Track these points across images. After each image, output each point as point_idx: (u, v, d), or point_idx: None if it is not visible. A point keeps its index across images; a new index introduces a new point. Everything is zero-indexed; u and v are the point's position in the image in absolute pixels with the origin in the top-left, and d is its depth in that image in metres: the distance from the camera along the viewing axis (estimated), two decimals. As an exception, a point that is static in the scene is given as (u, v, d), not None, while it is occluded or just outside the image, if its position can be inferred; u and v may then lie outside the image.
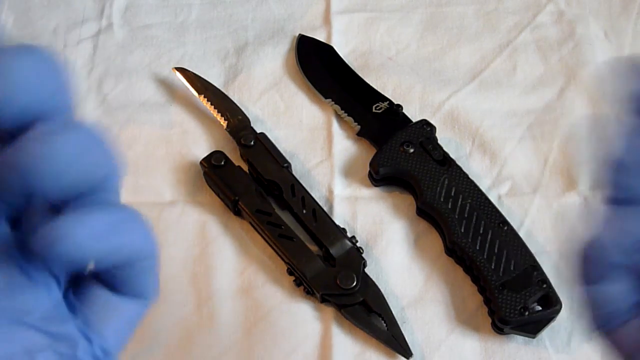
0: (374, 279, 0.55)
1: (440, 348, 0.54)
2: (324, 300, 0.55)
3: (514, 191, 0.60)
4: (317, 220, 0.57)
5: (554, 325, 0.53)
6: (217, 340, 0.54)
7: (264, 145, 0.60)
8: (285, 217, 0.58)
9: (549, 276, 0.53)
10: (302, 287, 0.55)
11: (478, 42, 0.68)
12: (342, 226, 0.57)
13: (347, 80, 0.65)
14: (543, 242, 0.57)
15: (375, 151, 0.60)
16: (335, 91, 0.65)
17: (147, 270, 0.27)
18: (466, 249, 0.54)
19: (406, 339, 0.53)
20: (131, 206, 0.25)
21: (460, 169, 0.58)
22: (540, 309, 0.52)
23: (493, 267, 0.53)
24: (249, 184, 0.58)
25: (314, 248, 0.56)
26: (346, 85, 0.65)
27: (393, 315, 0.53)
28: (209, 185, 0.60)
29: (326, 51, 0.67)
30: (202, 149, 0.62)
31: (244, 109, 0.63)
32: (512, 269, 0.53)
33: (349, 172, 0.61)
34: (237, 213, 0.59)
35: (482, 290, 0.54)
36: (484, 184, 0.59)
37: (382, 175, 0.59)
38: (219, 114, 0.62)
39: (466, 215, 0.55)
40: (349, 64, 0.67)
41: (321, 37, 0.68)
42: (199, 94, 0.64)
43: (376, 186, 0.60)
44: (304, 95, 0.66)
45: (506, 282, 0.53)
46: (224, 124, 0.62)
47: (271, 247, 0.57)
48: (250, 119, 0.62)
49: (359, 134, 0.63)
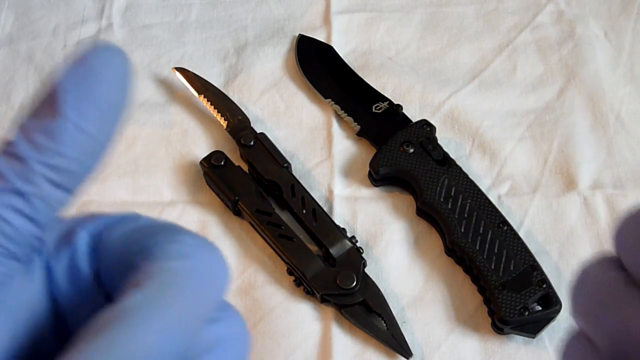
0: (374, 279, 0.55)
1: (440, 348, 0.54)
2: (324, 300, 0.55)
3: (514, 191, 0.60)
4: (317, 220, 0.57)
5: (554, 325, 0.53)
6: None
7: (264, 145, 0.60)
8: (285, 217, 0.58)
9: (549, 276, 0.53)
10: (302, 287, 0.55)
11: (478, 42, 0.68)
12: (342, 226, 0.57)
13: (347, 80, 0.65)
14: (543, 242, 0.57)
15: (375, 151, 0.60)
16: (335, 91, 0.65)
17: None
18: (466, 249, 0.54)
19: (406, 339, 0.53)
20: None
21: (460, 169, 0.58)
22: (540, 309, 0.52)
23: (493, 267, 0.53)
24: (249, 184, 0.58)
25: (314, 248, 0.56)
26: (346, 85, 0.65)
27: (393, 315, 0.53)
28: (209, 185, 0.60)
29: (326, 51, 0.67)
30: (202, 149, 0.62)
31: (244, 109, 0.63)
32: (512, 268, 0.53)
33: (349, 172, 0.61)
34: (237, 213, 0.59)
35: (482, 290, 0.54)
36: (484, 184, 0.59)
37: (382, 175, 0.59)
38: (219, 114, 0.62)
39: (466, 215, 0.55)
40: (349, 64, 0.67)
41: (321, 37, 0.68)
42: (199, 94, 0.64)
43: (376, 186, 0.60)
44: (304, 95, 0.66)
45: (506, 282, 0.53)
46: (224, 124, 0.62)
47: (271, 247, 0.57)
48: (250, 119, 0.62)
49: (359, 134, 0.63)
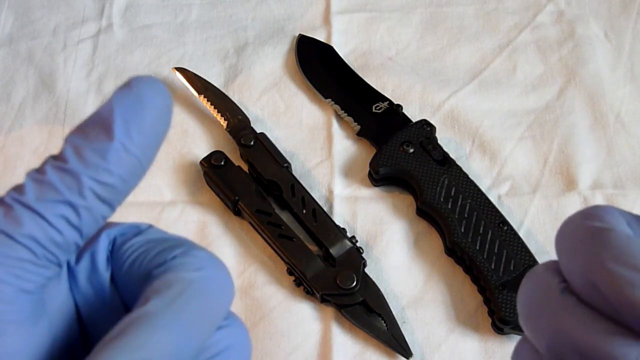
0: (374, 279, 0.55)
1: (440, 348, 0.54)
2: (324, 300, 0.55)
3: (514, 191, 0.60)
4: (317, 220, 0.57)
5: (554, 325, 0.53)
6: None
7: (264, 145, 0.60)
8: (285, 217, 0.58)
9: (549, 276, 0.53)
10: (302, 287, 0.55)
11: (478, 42, 0.68)
12: (342, 226, 0.57)
13: (347, 80, 0.65)
14: (543, 242, 0.57)
15: (375, 151, 0.60)
16: (335, 91, 0.65)
17: None
18: (466, 249, 0.54)
19: (406, 339, 0.53)
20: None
21: (460, 169, 0.58)
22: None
23: (493, 267, 0.53)
24: (249, 184, 0.58)
25: (314, 248, 0.56)
26: (346, 85, 0.65)
27: (393, 315, 0.53)
28: (209, 185, 0.60)
29: (326, 51, 0.67)
30: (202, 149, 0.62)
31: (244, 109, 0.63)
32: (512, 269, 0.53)
33: (349, 172, 0.61)
34: (237, 213, 0.59)
35: (482, 290, 0.54)
36: (484, 184, 0.59)
37: (382, 175, 0.59)
38: (219, 114, 0.62)
39: (466, 215, 0.55)
40: (349, 64, 0.66)
41: (321, 37, 0.68)
42: (199, 94, 0.64)
43: (376, 186, 0.60)
44: (304, 95, 0.66)
45: (506, 282, 0.53)
46: (224, 124, 0.62)
47: (271, 247, 0.57)
48: (250, 119, 0.62)
49: (359, 134, 0.63)
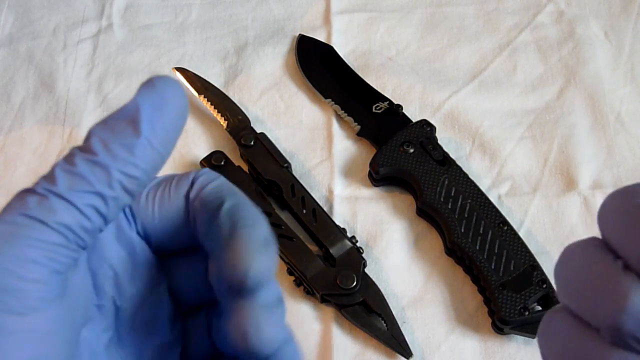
0: (374, 279, 0.55)
1: (440, 348, 0.54)
2: (324, 300, 0.55)
3: (514, 191, 0.60)
4: (317, 220, 0.57)
5: (554, 325, 0.53)
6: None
7: (264, 145, 0.60)
8: (285, 217, 0.58)
9: (549, 276, 0.53)
10: (302, 287, 0.55)
11: (478, 42, 0.68)
12: (342, 226, 0.57)
13: (347, 80, 0.65)
14: (543, 242, 0.57)
15: (375, 151, 0.60)
16: (335, 91, 0.65)
17: None
18: (466, 249, 0.54)
19: (406, 339, 0.53)
20: None
21: (460, 169, 0.58)
22: (540, 309, 0.52)
23: (493, 267, 0.53)
24: (249, 184, 0.58)
25: (314, 248, 0.56)
26: (346, 85, 0.65)
27: (393, 315, 0.53)
28: (209, 185, 0.60)
29: (326, 51, 0.67)
30: (202, 149, 0.62)
31: (244, 109, 0.63)
32: (512, 269, 0.53)
33: (349, 172, 0.61)
34: (237, 213, 0.59)
35: (482, 290, 0.54)
36: (484, 184, 0.59)
37: (382, 175, 0.59)
38: (219, 114, 0.62)
39: (466, 215, 0.55)
40: (349, 64, 0.66)
41: (321, 37, 0.68)
42: (199, 94, 0.64)
43: (376, 186, 0.60)
44: (304, 95, 0.66)
45: (506, 282, 0.53)
46: (224, 124, 0.62)
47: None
48: (250, 119, 0.62)
49: (359, 134, 0.63)
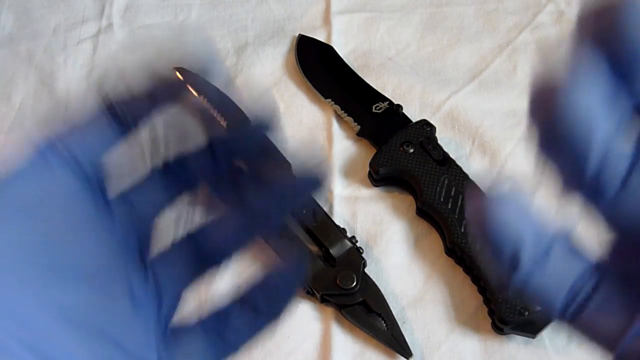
0: (374, 279, 0.55)
1: (440, 348, 0.54)
2: (324, 300, 0.55)
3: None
4: (317, 220, 0.57)
5: (554, 325, 0.53)
6: (217, 340, 0.54)
7: (264, 145, 0.60)
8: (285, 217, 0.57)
9: (549, 276, 0.53)
10: (302, 287, 0.55)
11: (478, 42, 0.68)
12: (342, 226, 0.57)
13: (347, 80, 0.65)
14: (543, 242, 0.57)
15: (375, 151, 0.60)
16: (335, 91, 0.65)
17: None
18: (466, 249, 0.54)
19: (406, 339, 0.53)
20: None
21: (460, 169, 0.58)
22: (540, 309, 0.52)
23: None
24: (249, 184, 0.58)
25: (314, 248, 0.56)
26: (346, 85, 0.65)
27: (393, 315, 0.53)
28: (209, 185, 0.60)
29: (326, 51, 0.67)
30: (202, 149, 0.62)
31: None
32: (512, 269, 0.53)
33: (349, 172, 0.61)
34: (237, 213, 0.59)
35: (482, 290, 0.54)
36: (484, 184, 0.59)
37: (382, 175, 0.59)
38: (219, 114, 0.62)
39: (466, 216, 0.55)
40: (349, 64, 0.66)
41: (321, 37, 0.68)
42: (199, 94, 0.64)
43: (376, 186, 0.60)
44: (304, 95, 0.66)
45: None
46: (224, 124, 0.62)
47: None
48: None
49: (359, 134, 0.63)
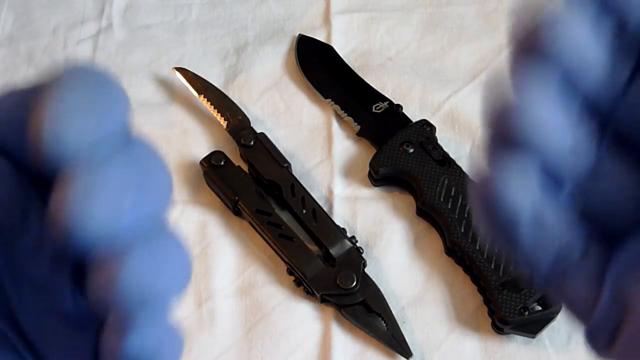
0: (374, 279, 0.55)
1: (440, 348, 0.54)
2: (324, 300, 0.55)
3: (514, 191, 0.60)
4: (317, 220, 0.57)
5: (554, 325, 0.53)
6: (217, 340, 0.54)
7: (264, 145, 0.60)
8: (285, 217, 0.58)
9: (549, 276, 0.53)
10: (302, 287, 0.55)
11: (478, 42, 0.68)
12: (342, 226, 0.57)
13: (347, 80, 0.65)
14: (543, 242, 0.57)
15: (375, 151, 0.60)
16: (335, 91, 0.65)
17: None
18: (466, 249, 0.54)
19: (406, 339, 0.53)
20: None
21: (460, 169, 0.58)
22: (540, 309, 0.52)
23: (493, 267, 0.53)
24: (249, 184, 0.58)
25: (314, 248, 0.56)
26: (346, 85, 0.65)
27: (393, 315, 0.53)
28: (209, 185, 0.60)
29: (326, 51, 0.67)
30: (202, 149, 0.62)
31: (244, 109, 0.63)
32: (512, 269, 0.53)
33: (349, 172, 0.61)
34: (237, 213, 0.59)
35: (482, 290, 0.54)
36: (484, 184, 0.59)
37: (382, 175, 0.59)
38: (219, 114, 0.62)
39: (466, 215, 0.55)
40: (349, 64, 0.66)
41: (321, 37, 0.68)
42: (199, 94, 0.64)
43: (376, 186, 0.60)
44: (304, 95, 0.66)
45: (506, 282, 0.53)
46: (224, 124, 0.62)
47: (271, 247, 0.57)
48: (250, 119, 0.62)
49: (359, 134, 0.63)
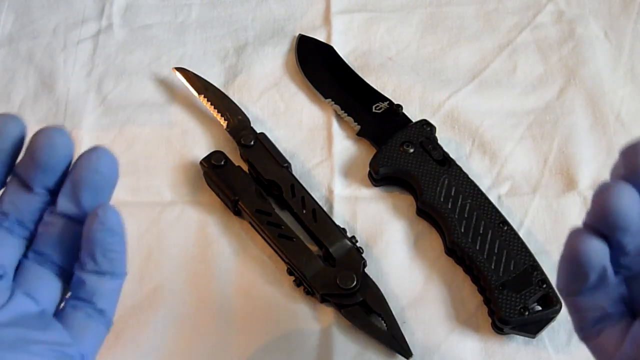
0: (374, 279, 0.55)
1: (440, 348, 0.54)
2: (324, 300, 0.55)
3: (514, 191, 0.60)
4: (317, 220, 0.57)
5: (554, 325, 0.53)
6: (217, 340, 0.54)
7: (264, 145, 0.60)
8: (285, 217, 0.58)
9: (549, 276, 0.53)
10: (302, 287, 0.55)
11: (478, 42, 0.68)
12: (342, 226, 0.57)
13: (347, 80, 0.65)
14: (543, 242, 0.57)
15: (375, 151, 0.60)
16: (335, 91, 0.65)
17: None
18: (466, 249, 0.54)
19: (406, 339, 0.53)
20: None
21: (460, 169, 0.58)
22: (540, 309, 0.52)
23: (493, 267, 0.53)
24: (249, 184, 0.58)
25: (314, 248, 0.56)
26: (346, 85, 0.65)
27: (393, 315, 0.53)
28: (209, 185, 0.60)
29: (326, 51, 0.67)
30: (202, 149, 0.62)
31: (244, 109, 0.63)
32: (512, 269, 0.53)
33: (349, 172, 0.61)
34: (237, 213, 0.59)
35: (482, 290, 0.54)
36: (484, 184, 0.59)
37: (382, 175, 0.59)
38: (219, 114, 0.62)
39: (466, 215, 0.55)
40: (349, 64, 0.67)
41: (321, 37, 0.68)
42: (199, 94, 0.64)
43: (376, 186, 0.60)
44: (304, 95, 0.66)
45: (506, 282, 0.53)
46: (224, 124, 0.62)
47: (271, 247, 0.57)
48: (250, 119, 0.62)
49: (359, 134, 0.63)
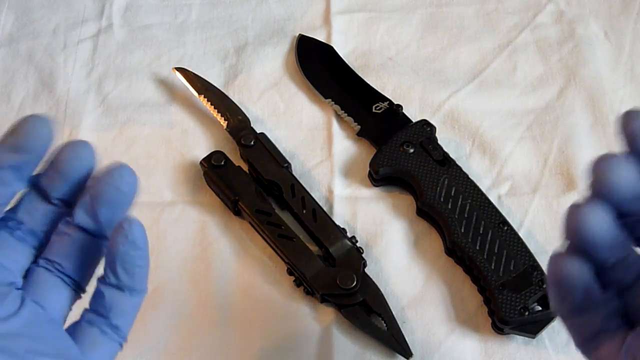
0: (374, 279, 0.55)
1: (440, 348, 0.54)
2: (324, 300, 0.55)
3: (514, 191, 0.60)
4: (317, 220, 0.57)
5: (554, 325, 0.53)
6: (217, 340, 0.54)
7: (264, 145, 0.60)
8: (285, 217, 0.58)
9: (549, 276, 0.53)
10: (302, 287, 0.55)
11: (478, 42, 0.68)
12: (342, 226, 0.57)
13: (347, 80, 0.65)
14: (543, 242, 0.57)
15: (375, 151, 0.60)
16: (335, 91, 0.65)
17: None
18: (466, 249, 0.54)
19: (406, 339, 0.53)
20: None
21: (460, 169, 0.58)
22: (540, 309, 0.52)
23: (493, 267, 0.53)
24: (249, 184, 0.58)
25: (314, 248, 0.56)
26: (346, 85, 0.65)
27: (393, 315, 0.53)
28: (209, 185, 0.60)
29: (326, 51, 0.67)
30: (202, 149, 0.62)
31: (244, 109, 0.63)
32: (512, 269, 0.53)
33: (349, 172, 0.61)
34: (237, 213, 0.59)
35: (482, 290, 0.54)
36: (484, 184, 0.59)
37: (382, 175, 0.59)
38: (219, 114, 0.62)
39: (466, 215, 0.55)
40: (349, 64, 0.67)
41: (321, 37, 0.68)
42: (199, 94, 0.64)
43: (376, 186, 0.60)
44: (304, 95, 0.66)
45: (506, 282, 0.53)
46: (224, 124, 0.62)
47: (271, 247, 0.57)
48: (250, 119, 0.62)
49: (359, 134, 0.63)
